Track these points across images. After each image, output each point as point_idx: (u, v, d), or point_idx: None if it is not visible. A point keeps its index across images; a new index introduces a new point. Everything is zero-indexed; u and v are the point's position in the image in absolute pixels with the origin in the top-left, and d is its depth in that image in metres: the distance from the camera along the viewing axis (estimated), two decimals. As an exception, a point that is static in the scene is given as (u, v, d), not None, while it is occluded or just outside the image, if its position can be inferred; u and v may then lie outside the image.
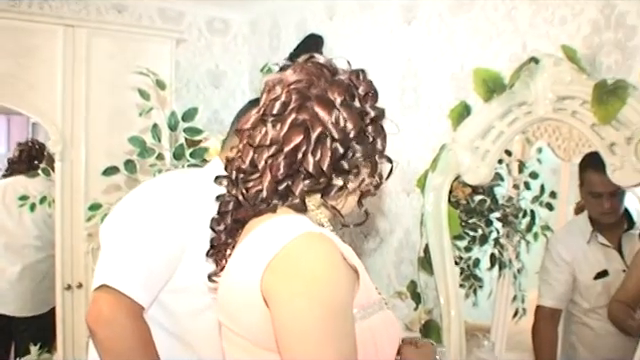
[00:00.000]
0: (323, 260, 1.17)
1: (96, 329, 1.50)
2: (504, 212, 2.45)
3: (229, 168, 1.34)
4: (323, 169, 1.23)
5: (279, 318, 1.16)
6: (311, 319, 1.13)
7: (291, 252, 1.16)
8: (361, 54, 2.87)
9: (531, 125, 2.08)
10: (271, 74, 1.33)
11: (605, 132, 1.73)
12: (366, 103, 1.30)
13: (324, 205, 1.31)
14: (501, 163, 2.30)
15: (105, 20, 3.29)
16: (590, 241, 2.13)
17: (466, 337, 2.26)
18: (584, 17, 1.88)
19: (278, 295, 1.16)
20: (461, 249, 2.38)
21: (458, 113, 2.23)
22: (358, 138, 1.26)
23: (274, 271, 1.16)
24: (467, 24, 2.32)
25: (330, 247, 1.19)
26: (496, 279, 2.48)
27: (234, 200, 1.34)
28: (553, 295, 2.22)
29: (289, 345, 1.14)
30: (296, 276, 1.15)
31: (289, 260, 1.16)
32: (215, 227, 1.40)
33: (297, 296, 1.14)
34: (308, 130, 1.22)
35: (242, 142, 1.31)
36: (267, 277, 1.17)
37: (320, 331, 1.13)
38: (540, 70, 1.91)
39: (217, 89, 3.88)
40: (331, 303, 1.15)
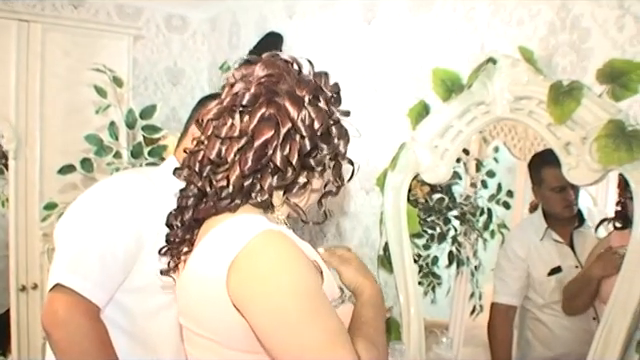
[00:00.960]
0: (285, 255, 1.18)
1: (51, 330, 1.48)
2: (462, 210, 2.48)
3: (192, 159, 1.32)
4: (292, 164, 1.23)
5: (258, 321, 1.16)
6: (289, 312, 1.14)
7: (252, 251, 1.17)
8: (321, 53, 2.87)
9: (489, 124, 2.11)
10: (238, 68, 1.31)
11: (560, 132, 1.77)
12: (332, 105, 1.31)
13: (286, 202, 1.32)
14: (459, 162, 2.32)
15: (61, 15, 3.24)
16: (543, 238, 2.17)
17: (425, 334, 2.28)
18: (541, 19, 1.91)
19: (249, 299, 1.17)
20: (420, 247, 2.40)
21: (417, 112, 2.25)
22: (324, 137, 1.28)
23: (239, 273, 1.16)
24: (426, 24, 2.33)
25: (290, 243, 1.20)
26: (454, 276, 2.50)
27: (195, 194, 1.33)
28: (508, 292, 2.25)
29: (278, 342, 1.16)
30: (263, 276, 1.16)
31: (251, 260, 1.16)
32: (172, 222, 1.38)
33: (269, 295, 1.15)
34: (278, 125, 1.22)
35: (206, 133, 1.30)
36: (233, 280, 1.17)
37: (301, 320, 1.14)
38: (498, 71, 1.93)
39: (175, 87, 3.84)
40: (303, 291, 1.16)
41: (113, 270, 1.56)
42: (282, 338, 1.16)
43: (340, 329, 1.18)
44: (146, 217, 1.59)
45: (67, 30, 2.98)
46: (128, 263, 1.59)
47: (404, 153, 2.24)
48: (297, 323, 1.14)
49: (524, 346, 2.25)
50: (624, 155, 1.60)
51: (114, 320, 1.58)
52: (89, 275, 1.51)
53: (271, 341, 1.16)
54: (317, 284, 1.21)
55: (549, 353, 2.16)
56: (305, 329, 1.14)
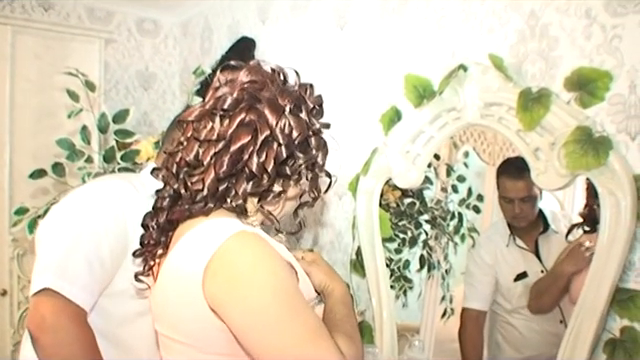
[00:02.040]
0: (260, 255, 1.19)
1: (39, 335, 1.46)
2: (433, 215, 2.50)
3: (170, 161, 1.34)
4: (267, 170, 1.25)
5: (236, 322, 1.17)
6: (268, 311, 1.15)
7: (227, 252, 1.18)
8: (294, 58, 2.88)
9: (459, 130, 2.13)
10: (223, 72, 1.32)
11: (530, 138, 1.80)
12: (312, 116, 1.34)
13: (260, 210, 1.33)
14: (430, 167, 2.34)
15: (31, 18, 3.21)
16: (509, 244, 2.20)
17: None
18: (510, 27, 1.95)
19: (226, 301, 1.17)
20: (391, 251, 2.42)
21: (389, 118, 2.27)
22: (301, 147, 1.30)
23: (214, 274, 1.17)
24: (398, 31, 2.36)
25: (264, 244, 1.21)
26: (425, 280, 2.53)
27: (171, 196, 1.34)
28: (477, 297, 2.28)
29: (258, 342, 1.17)
30: (238, 278, 1.17)
31: (227, 260, 1.17)
32: (148, 223, 1.39)
33: (246, 296, 1.16)
34: (256, 131, 1.24)
35: (186, 134, 1.31)
36: (209, 282, 1.18)
37: (281, 318, 1.15)
38: (468, 77, 1.96)
39: (147, 91, 3.83)
40: (280, 290, 1.17)
41: (99, 274, 1.55)
42: (262, 337, 1.16)
43: (320, 326, 1.20)
44: (130, 221, 1.58)
45: (38, 33, 2.96)
46: (114, 266, 1.58)
47: (376, 158, 2.26)
48: (276, 322, 1.15)
49: (494, 349, 2.28)
50: (591, 160, 1.63)
51: (92, 323, 1.56)
52: (76, 279, 1.50)
53: (251, 341, 1.17)
54: (294, 283, 1.23)
55: (519, 355, 2.19)
56: (285, 327, 1.15)
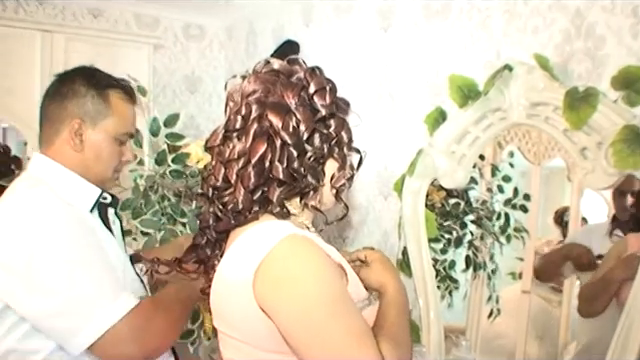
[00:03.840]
0: (308, 259, 1.21)
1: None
2: (478, 215, 2.50)
3: (205, 186, 1.37)
4: (294, 172, 1.26)
5: (284, 323, 1.20)
6: (314, 314, 1.17)
7: (277, 256, 1.20)
8: (337, 60, 2.91)
9: (504, 130, 2.14)
10: (233, 85, 1.35)
11: (577, 137, 1.80)
12: (317, 100, 1.31)
13: (305, 207, 1.35)
14: (474, 167, 2.35)
15: (81, 25, 3.30)
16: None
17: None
18: (555, 27, 1.95)
19: (275, 303, 1.20)
20: (437, 251, 2.42)
21: (434, 118, 2.28)
22: (314, 137, 1.30)
23: (264, 278, 1.20)
24: (442, 32, 2.37)
25: (314, 247, 1.22)
26: (471, 280, 2.53)
27: (213, 215, 1.36)
28: None
29: (303, 344, 1.19)
30: (287, 280, 1.19)
31: (276, 265, 1.19)
32: (199, 242, 1.42)
33: (294, 299, 1.18)
34: (271, 138, 1.25)
35: (213, 159, 1.35)
36: (259, 286, 1.20)
37: (326, 322, 1.17)
38: (514, 77, 1.96)
39: (193, 94, 3.90)
40: (327, 293, 1.19)
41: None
42: (307, 340, 1.18)
43: (365, 331, 1.20)
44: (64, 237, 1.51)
45: (89, 40, 3.05)
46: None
47: (421, 159, 2.27)
48: (321, 325, 1.16)
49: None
50: (639, 159, 1.63)
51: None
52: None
53: (295, 343, 1.19)
54: (342, 287, 1.24)
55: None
56: (329, 331, 1.17)
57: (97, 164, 1.65)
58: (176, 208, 2.32)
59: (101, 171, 1.67)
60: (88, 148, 1.63)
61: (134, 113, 1.74)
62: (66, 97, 1.63)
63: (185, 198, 2.36)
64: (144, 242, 2.27)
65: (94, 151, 1.64)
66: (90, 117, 1.63)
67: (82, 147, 1.63)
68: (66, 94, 1.63)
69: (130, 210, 2.32)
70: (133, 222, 2.31)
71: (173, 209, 2.32)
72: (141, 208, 2.32)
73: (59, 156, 1.63)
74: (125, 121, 1.69)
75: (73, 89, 1.63)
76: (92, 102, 1.63)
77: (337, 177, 1.36)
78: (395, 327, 1.33)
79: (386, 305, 1.39)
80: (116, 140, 1.67)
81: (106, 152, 1.66)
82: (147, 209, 2.32)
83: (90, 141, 1.63)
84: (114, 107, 1.66)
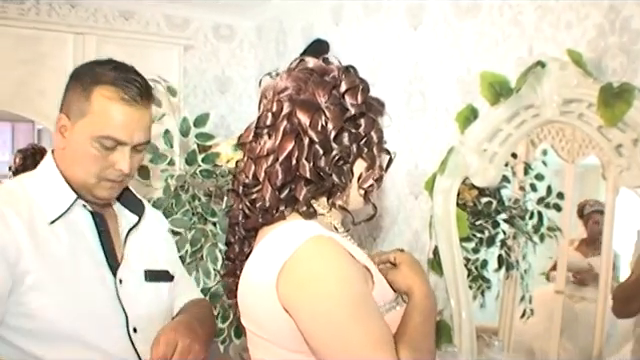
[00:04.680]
0: (333, 261, 1.21)
1: None
2: (510, 214, 2.47)
3: (235, 183, 1.38)
4: (319, 173, 1.26)
5: (304, 324, 1.21)
6: (333, 317, 1.18)
7: (301, 257, 1.20)
8: (368, 59, 2.90)
9: (537, 128, 2.11)
10: (266, 82, 1.36)
11: (612, 134, 1.76)
12: (348, 99, 1.30)
13: (333, 207, 1.35)
14: (507, 165, 2.32)
15: (113, 27, 3.33)
16: None
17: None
18: (589, 22, 1.91)
19: (297, 303, 1.21)
20: (469, 251, 2.40)
21: (465, 116, 2.25)
22: (342, 136, 1.29)
23: (287, 279, 1.21)
24: (473, 29, 2.35)
25: (338, 249, 1.23)
26: (503, 280, 2.50)
27: (242, 212, 1.37)
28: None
29: (322, 345, 1.20)
30: (309, 281, 1.20)
31: (300, 266, 1.20)
32: (230, 239, 1.43)
33: (315, 300, 1.19)
34: (299, 136, 1.25)
35: (244, 156, 1.36)
36: (282, 286, 1.21)
37: (345, 325, 1.18)
38: (546, 74, 1.93)
39: (223, 95, 3.92)
40: (348, 296, 1.19)
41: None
42: (326, 341, 1.19)
43: (383, 335, 1.20)
44: (23, 242, 1.43)
45: (120, 41, 3.08)
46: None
47: (453, 157, 2.25)
48: (341, 327, 1.17)
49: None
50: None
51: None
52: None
53: (316, 343, 1.20)
54: (364, 290, 1.24)
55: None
56: (348, 333, 1.17)
57: (73, 166, 1.52)
58: (206, 207, 2.34)
59: (79, 175, 1.52)
60: (68, 146, 1.52)
61: (131, 117, 1.50)
62: (65, 90, 1.56)
63: (215, 197, 2.37)
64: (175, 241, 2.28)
65: (71, 151, 1.52)
66: (73, 113, 1.50)
67: (64, 145, 1.52)
68: (66, 87, 1.56)
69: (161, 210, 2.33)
70: (164, 222, 2.33)
71: (203, 208, 2.33)
72: (172, 208, 2.34)
73: (56, 152, 1.58)
74: (108, 123, 1.48)
75: (72, 81, 1.54)
76: (77, 97, 1.50)
77: (364, 177, 1.35)
78: (417, 332, 1.31)
79: (411, 309, 1.37)
80: (97, 143, 1.48)
81: (81, 154, 1.50)
82: (178, 208, 2.34)
83: (70, 139, 1.51)
84: (96, 105, 1.48)
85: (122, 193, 1.66)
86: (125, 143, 1.51)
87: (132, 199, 1.72)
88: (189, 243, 2.27)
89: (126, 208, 1.69)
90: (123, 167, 1.51)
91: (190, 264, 2.30)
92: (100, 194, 1.55)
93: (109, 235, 1.60)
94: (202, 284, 2.27)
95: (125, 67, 1.56)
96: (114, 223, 1.65)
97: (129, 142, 1.51)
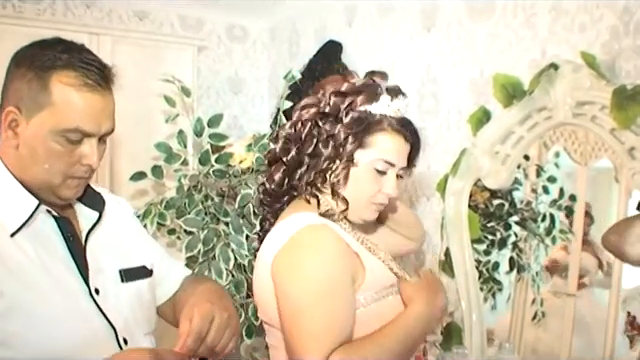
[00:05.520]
0: (318, 246, 1.35)
1: None
2: (522, 216, 2.47)
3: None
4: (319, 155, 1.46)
5: (278, 303, 1.35)
6: (297, 301, 1.32)
7: (293, 242, 1.35)
8: (380, 60, 2.90)
9: (550, 130, 2.11)
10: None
11: (625, 137, 1.76)
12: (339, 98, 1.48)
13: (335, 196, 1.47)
14: (519, 168, 2.32)
15: (128, 28, 3.35)
16: None
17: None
18: (603, 24, 1.91)
19: (278, 285, 1.36)
20: (480, 252, 2.40)
21: (477, 118, 2.25)
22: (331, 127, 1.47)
23: (278, 262, 1.36)
24: (487, 31, 2.35)
25: (328, 235, 1.36)
26: (515, 282, 2.50)
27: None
28: None
29: (286, 317, 1.33)
30: (291, 266, 1.34)
31: (291, 249, 1.35)
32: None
33: (289, 283, 1.34)
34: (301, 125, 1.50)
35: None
36: (274, 266, 1.36)
37: (302, 310, 1.30)
38: (560, 76, 1.93)
39: (236, 95, 3.92)
40: (324, 281, 1.31)
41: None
42: (284, 321, 1.34)
43: (329, 330, 1.29)
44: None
45: (134, 42, 3.09)
46: None
47: (465, 159, 2.25)
48: (297, 311, 1.31)
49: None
50: (690, 160, 1.59)
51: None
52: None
53: (281, 322, 1.35)
54: (343, 279, 1.34)
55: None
56: (300, 319, 1.30)
57: (33, 165, 1.30)
58: (219, 207, 2.35)
59: (40, 176, 1.31)
60: (22, 144, 1.30)
61: (97, 105, 1.31)
62: (7, 78, 1.32)
63: (228, 197, 2.38)
64: (187, 241, 2.29)
65: (28, 149, 1.30)
66: (25, 105, 1.28)
67: (17, 142, 1.30)
68: (7, 74, 1.33)
69: (174, 209, 2.35)
70: (177, 221, 2.35)
71: (216, 208, 2.35)
72: (185, 207, 2.35)
73: (3, 153, 1.35)
74: (72, 113, 1.28)
75: (16, 68, 1.31)
76: (29, 86, 1.27)
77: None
78: (384, 339, 1.36)
79: (400, 316, 1.41)
80: (61, 137, 1.29)
81: (42, 151, 1.29)
82: (191, 208, 2.35)
83: (24, 136, 1.29)
84: (56, 94, 1.27)
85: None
86: (92, 134, 1.32)
87: (90, 194, 1.48)
88: (202, 242, 2.28)
89: (85, 205, 1.46)
90: (92, 161, 1.33)
91: (202, 263, 2.31)
92: (65, 194, 1.35)
93: (78, 240, 1.40)
94: (214, 284, 2.29)
95: (77, 47, 1.34)
96: (78, 225, 1.44)
97: (96, 133, 1.32)
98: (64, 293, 1.31)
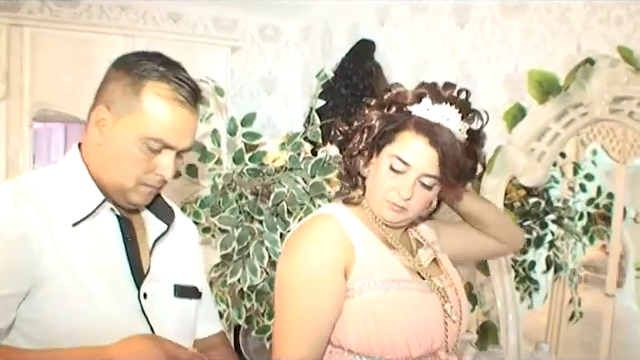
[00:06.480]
0: (307, 235, 1.44)
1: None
2: (559, 214, 2.44)
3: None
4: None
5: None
6: (283, 283, 1.44)
7: (297, 229, 1.49)
8: (413, 58, 2.89)
9: (586, 126, 2.08)
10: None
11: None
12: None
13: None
14: (555, 165, 2.29)
15: (162, 29, 3.39)
16: None
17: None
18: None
19: (279, 262, 1.50)
20: (516, 252, 2.38)
21: (512, 115, 2.23)
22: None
23: (284, 245, 1.52)
24: (521, 26, 2.33)
25: (325, 226, 1.44)
26: (551, 282, 2.47)
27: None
28: None
29: (276, 300, 1.46)
30: (286, 247, 1.48)
31: (292, 235, 1.49)
32: None
33: (282, 262, 1.47)
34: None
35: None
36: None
37: (289, 294, 1.41)
38: (596, 71, 1.90)
39: (270, 95, 3.94)
40: (302, 272, 1.40)
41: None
42: (277, 296, 1.46)
43: (303, 326, 1.38)
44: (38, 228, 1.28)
45: (169, 43, 3.12)
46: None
47: (500, 156, 2.23)
48: (288, 293, 1.42)
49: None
50: None
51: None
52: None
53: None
54: (325, 272, 1.39)
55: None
56: (289, 301, 1.41)
57: (111, 166, 1.35)
58: (253, 206, 2.35)
59: (116, 176, 1.35)
60: (105, 144, 1.35)
61: (183, 120, 1.36)
62: (105, 79, 1.39)
63: (262, 196, 2.39)
64: (222, 239, 2.31)
65: (110, 149, 1.35)
66: (116, 107, 1.33)
67: (100, 141, 1.35)
68: (106, 76, 1.39)
69: (209, 208, 2.37)
70: (212, 219, 2.36)
71: (250, 207, 2.35)
72: (219, 206, 2.36)
73: (84, 147, 1.41)
74: (158, 123, 1.33)
75: (116, 71, 1.37)
76: (123, 90, 1.33)
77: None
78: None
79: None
80: (143, 144, 1.33)
81: (122, 154, 1.33)
82: (225, 207, 2.36)
83: (109, 136, 1.34)
84: (146, 103, 1.32)
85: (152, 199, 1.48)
86: (172, 147, 1.36)
87: (161, 206, 1.53)
88: (236, 240, 2.29)
89: (154, 215, 1.50)
90: (166, 173, 1.38)
91: (237, 261, 2.33)
92: (134, 199, 1.39)
93: (136, 244, 1.43)
94: (249, 281, 2.30)
95: (174, 63, 1.41)
96: (141, 230, 1.47)
97: (176, 146, 1.37)
98: (111, 289, 1.34)
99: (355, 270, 1.40)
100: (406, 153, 1.42)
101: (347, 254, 1.41)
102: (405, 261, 1.49)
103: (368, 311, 1.38)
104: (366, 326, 1.37)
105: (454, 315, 1.47)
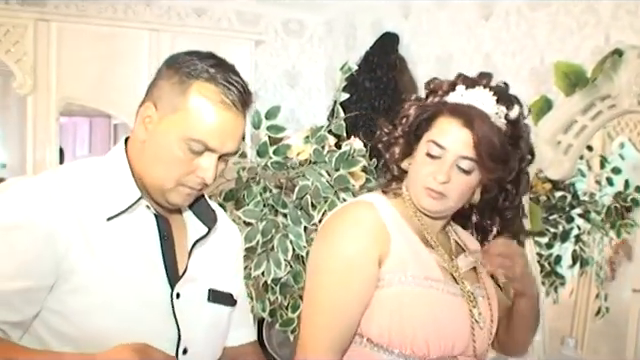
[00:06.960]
0: (345, 221, 1.42)
1: None
2: (586, 208, 2.42)
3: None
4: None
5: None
6: (316, 266, 1.43)
7: (332, 215, 1.48)
8: (438, 51, 2.88)
9: (614, 119, 2.06)
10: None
11: (693, 124, 1.71)
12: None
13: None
14: (582, 159, 2.27)
15: (186, 24, 3.41)
16: None
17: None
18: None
19: (312, 248, 1.51)
20: (542, 246, 2.37)
21: (539, 107, 2.21)
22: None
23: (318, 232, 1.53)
24: (547, 18, 2.31)
25: (364, 213, 1.42)
26: (578, 277, 2.45)
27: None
28: None
29: (307, 283, 1.46)
30: (322, 230, 1.48)
31: (326, 221, 1.48)
32: None
33: (317, 245, 1.46)
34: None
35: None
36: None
37: (321, 278, 1.40)
38: (624, 62, 1.89)
39: (293, 89, 3.95)
40: (336, 257, 1.38)
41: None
42: (307, 281, 1.46)
43: (340, 308, 1.37)
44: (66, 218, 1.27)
45: (193, 37, 3.14)
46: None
47: (525, 149, 2.22)
48: (316, 279, 1.42)
49: None
50: None
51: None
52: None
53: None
54: (357, 260, 1.37)
55: None
56: (317, 286, 1.41)
57: (153, 164, 1.33)
58: (277, 199, 2.36)
59: (157, 175, 1.33)
60: (149, 141, 1.33)
61: (227, 123, 1.31)
62: (155, 76, 1.36)
63: (286, 189, 2.39)
64: (246, 232, 2.31)
65: (153, 147, 1.32)
66: (162, 105, 1.31)
67: (145, 138, 1.33)
68: (157, 73, 1.37)
69: (233, 201, 2.38)
70: (236, 212, 2.37)
71: (274, 200, 2.36)
72: (244, 199, 2.37)
73: (130, 142, 1.39)
74: (201, 125, 1.29)
75: (167, 69, 1.34)
76: (171, 88, 1.30)
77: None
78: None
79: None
80: (184, 144, 1.29)
81: (165, 153, 1.31)
82: (249, 200, 2.36)
83: (153, 133, 1.32)
84: (192, 102, 1.29)
85: (195, 200, 1.44)
86: (214, 150, 1.31)
87: (204, 208, 1.50)
88: (260, 233, 2.29)
89: (196, 217, 1.47)
90: (207, 176, 1.33)
91: (261, 254, 2.33)
92: (174, 200, 1.36)
93: (172, 243, 1.41)
94: (273, 274, 2.30)
95: (227, 65, 1.36)
96: (179, 231, 1.44)
97: (218, 150, 1.32)
98: (142, 286, 1.33)
99: (389, 261, 1.38)
100: (441, 137, 1.40)
101: (383, 243, 1.38)
102: (441, 261, 1.45)
103: (395, 304, 1.36)
104: (391, 319, 1.36)
105: (482, 322, 1.45)
